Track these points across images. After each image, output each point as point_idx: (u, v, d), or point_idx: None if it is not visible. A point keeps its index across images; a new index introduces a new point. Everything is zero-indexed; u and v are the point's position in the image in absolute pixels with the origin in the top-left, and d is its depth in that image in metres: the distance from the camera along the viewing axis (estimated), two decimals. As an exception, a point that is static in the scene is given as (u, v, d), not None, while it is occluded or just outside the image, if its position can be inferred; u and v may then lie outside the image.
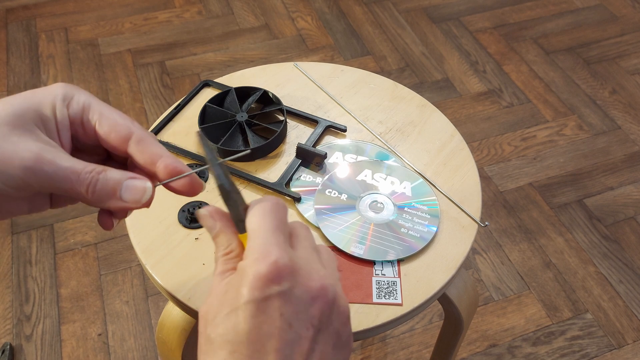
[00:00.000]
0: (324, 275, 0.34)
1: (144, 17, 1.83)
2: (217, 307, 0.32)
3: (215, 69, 1.66)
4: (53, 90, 0.36)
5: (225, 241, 0.36)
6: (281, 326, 0.31)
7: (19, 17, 1.83)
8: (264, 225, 0.34)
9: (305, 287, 0.32)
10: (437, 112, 0.69)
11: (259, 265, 0.32)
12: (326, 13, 1.87)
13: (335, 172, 0.62)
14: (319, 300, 0.33)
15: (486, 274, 1.21)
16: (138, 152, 0.37)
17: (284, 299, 0.31)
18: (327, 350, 0.33)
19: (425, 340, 1.11)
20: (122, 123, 0.37)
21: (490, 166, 1.41)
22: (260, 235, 0.34)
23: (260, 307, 0.31)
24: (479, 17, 1.85)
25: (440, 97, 1.59)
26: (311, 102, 0.70)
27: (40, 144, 0.34)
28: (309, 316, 0.32)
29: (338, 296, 0.34)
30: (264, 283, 0.31)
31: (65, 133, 0.36)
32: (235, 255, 0.35)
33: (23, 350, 1.08)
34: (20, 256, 1.22)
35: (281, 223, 0.35)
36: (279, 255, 0.32)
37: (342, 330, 0.34)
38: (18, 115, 0.34)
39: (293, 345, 0.31)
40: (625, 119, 1.53)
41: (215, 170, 0.36)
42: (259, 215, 0.35)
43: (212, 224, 0.37)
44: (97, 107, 0.37)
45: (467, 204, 0.60)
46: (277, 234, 0.34)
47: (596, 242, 1.27)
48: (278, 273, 0.32)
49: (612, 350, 1.10)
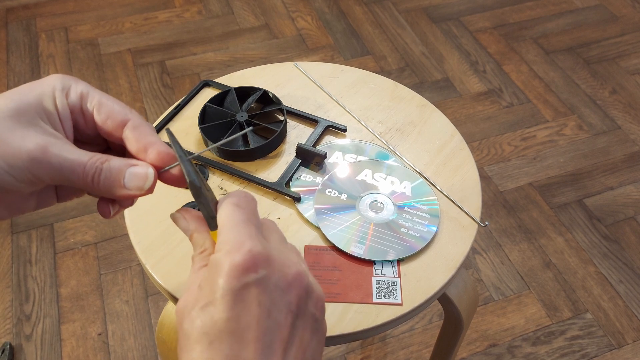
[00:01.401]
0: (297, 262, 0.34)
1: (144, 17, 1.83)
2: (193, 302, 0.32)
3: (215, 68, 1.66)
4: (51, 81, 0.36)
5: (200, 240, 0.36)
6: (260, 315, 0.31)
7: (19, 16, 1.83)
8: (234, 218, 0.34)
9: (281, 273, 0.33)
10: (437, 112, 0.69)
11: (233, 256, 0.32)
12: (326, 13, 1.87)
13: (335, 172, 0.62)
14: (296, 286, 0.33)
15: (486, 273, 1.21)
16: (132, 138, 0.36)
17: (261, 287, 0.31)
18: (306, 335, 0.33)
19: (425, 340, 1.11)
20: (119, 110, 0.37)
21: (490, 166, 1.41)
22: (231, 228, 0.34)
23: (238, 297, 0.31)
24: (479, 17, 1.85)
25: (440, 97, 1.59)
26: (311, 102, 0.70)
27: (46, 137, 0.34)
28: (287, 302, 0.32)
29: (312, 282, 0.34)
30: (240, 272, 0.31)
31: (67, 123, 0.36)
32: (209, 252, 0.35)
33: (23, 349, 1.08)
34: (20, 256, 1.22)
35: (252, 215, 0.35)
36: (252, 244, 0.32)
37: (318, 314, 0.34)
38: (21, 109, 0.34)
39: (273, 333, 0.31)
40: (625, 119, 1.53)
41: (185, 167, 0.35)
42: (228, 209, 0.35)
43: (185, 225, 0.37)
44: (96, 95, 0.37)
45: (467, 203, 0.60)
46: (249, 225, 0.34)
47: (596, 242, 1.27)
48: (254, 261, 0.32)
49: (612, 350, 1.10)
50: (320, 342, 0.34)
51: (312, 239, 0.56)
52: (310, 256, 0.55)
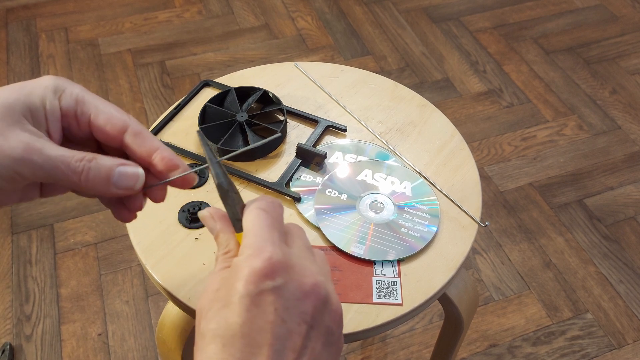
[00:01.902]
0: (317, 273, 0.34)
1: (144, 17, 1.83)
2: (210, 302, 0.32)
3: (215, 68, 1.66)
4: (43, 82, 0.37)
5: (225, 240, 0.36)
6: (274, 321, 0.31)
7: (19, 17, 1.83)
8: (259, 222, 0.34)
9: (298, 283, 0.33)
10: (437, 112, 0.69)
11: (253, 261, 0.32)
12: (326, 13, 1.87)
13: (335, 172, 0.62)
14: (312, 296, 0.33)
15: (486, 274, 1.21)
16: (135, 144, 0.37)
17: (277, 294, 0.32)
18: (318, 347, 0.33)
19: (425, 340, 1.11)
20: (118, 116, 0.37)
21: (490, 166, 1.41)
22: (255, 233, 0.34)
23: (254, 301, 0.31)
24: (479, 17, 1.85)
25: (440, 97, 1.59)
26: (311, 102, 0.70)
27: (29, 135, 0.34)
28: (302, 312, 0.32)
29: (330, 294, 0.34)
30: (258, 278, 0.32)
31: (55, 124, 0.37)
32: (233, 254, 0.35)
33: (23, 350, 1.08)
34: (20, 256, 1.22)
35: (276, 221, 0.35)
36: (273, 251, 0.33)
37: (334, 328, 0.34)
38: (6, 106, 0.34)
39: (285, 340, 0.31)
40: (625, 119, 1.53)
41: (214, 169, 0.36)
42: (254, 213, 0.35)
43: (212, 225, 0.37)
44: (92, 100, 0.37)
45: (467, 203, 0.60)
46: (272, 231, 0.34)
47: (596, 242, 1.27)
48: (272, 268, 0.32)
49: (612, 350, 1.10)
50: (332, 357, 0.34)
51: (312, 239, 0.56)
52: (311, 256, 0.55)
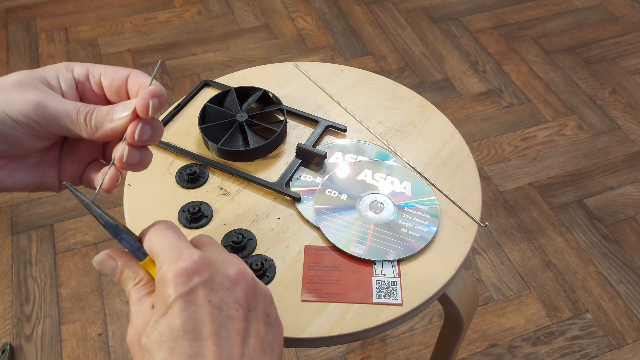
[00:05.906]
0: (238, 263, 0.37)
1: (144, 17, 1.83)
2: (145, 322, 0.34)
3: (215, 69, 1.66)
4: (56, 65, 0.40)
5: (132, 273, 0.38)
6: (211, 311, 0.33)
7: (19, 17, 1.83)
8: (166, 236, 0.37)
9: (224, 273, 0.35)
10: (437, 112, 0.69)
11: (176, 265, 0.34)
12: (326, 13, 1.87)
13: (335, 172, 0.62)
14: (241, 282, 0.35)
15: (486, 274, 1.21)
16: (131, 83, 0.39)
17: (208, 287, 0.34)
18: (261, 328, 0.35)
19: (425, 340, 1.11)
20: (123, 69, 0.40)
21: (490, 166, 1.41)
22: (167, 245, 0.36)
23: (188, 300, 0.33)
24: (479, 17, 1.85)
25: (440, 97, 1.59)
26: (311, 102, 0.70)
27: (43, 93, 0.37)
28: (235, 298, 0.34)
29: (257, 280, 0.37)
30: (186, 277, 0.33)
31: (70, 91, 0.39)
32: (146, 282, 0.37)
33: (23, 350, 1.08)
34: (20, 256, 1.22)
35: (181, 234, 0.37)
36: (192, 252, 0.35)
37: (269, 309, 0.36)
38: (24, 79, 0.37)
39: (227, 325, 0.33)
40: (625, 119, 1.53)
41: (95, 213, 0.37)
42: (156, 234, 0.37)
43: (113, 264, 0.38)
44: (100, 66, 0.40)
45: (467, 203, 0.60)
46: (182, 239, 0.37)
47: (596, 242, 1.27)
48: (195, 266, 0.34)
49: (612, 350, 1.10)
50: (276, 337, 0.36)
51: (312, 239, 0.56)
52: (310, 256, 0.55)
